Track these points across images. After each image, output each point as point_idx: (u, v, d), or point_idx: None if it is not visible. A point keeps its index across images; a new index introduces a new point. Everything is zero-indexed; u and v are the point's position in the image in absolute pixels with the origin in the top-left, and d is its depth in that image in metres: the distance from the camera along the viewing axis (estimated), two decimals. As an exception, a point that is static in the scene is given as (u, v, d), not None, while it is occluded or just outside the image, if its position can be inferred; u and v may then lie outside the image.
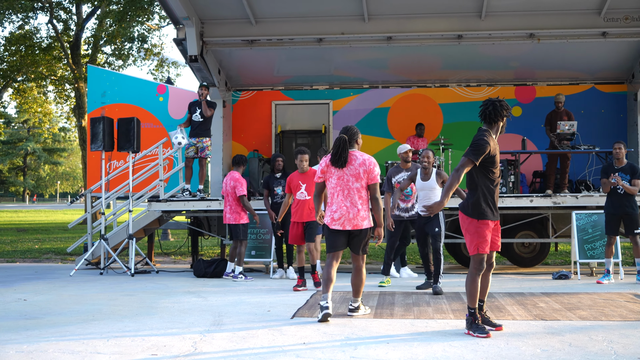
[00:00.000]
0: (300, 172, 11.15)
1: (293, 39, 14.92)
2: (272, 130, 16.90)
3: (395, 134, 16.60)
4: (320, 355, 6.23)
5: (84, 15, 32.61)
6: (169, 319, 8.16)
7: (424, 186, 10.68)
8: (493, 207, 7.17)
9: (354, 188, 8.05)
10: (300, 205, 11.01)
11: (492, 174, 7.16)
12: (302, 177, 11.12)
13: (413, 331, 7.37)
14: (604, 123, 16.09)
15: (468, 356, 6.16)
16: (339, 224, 8.12)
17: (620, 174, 11.56)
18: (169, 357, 6.17)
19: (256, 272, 13.76)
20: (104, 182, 13.92)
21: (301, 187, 11.04)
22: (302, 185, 11.04)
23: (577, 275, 12.35)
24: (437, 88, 16.80)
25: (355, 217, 8.06)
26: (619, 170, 11.64)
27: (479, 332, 7.01)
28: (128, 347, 6.60)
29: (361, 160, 8.10)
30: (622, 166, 11.68)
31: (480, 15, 14.31)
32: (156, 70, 34.48)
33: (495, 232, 7.31)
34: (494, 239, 7.31)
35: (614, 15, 14.22)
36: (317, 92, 17.02)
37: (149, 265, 14.10)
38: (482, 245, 7.12)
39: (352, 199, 8.05)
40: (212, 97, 15.71)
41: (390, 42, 14.78)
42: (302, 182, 11.06)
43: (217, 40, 15.02)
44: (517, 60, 15.69)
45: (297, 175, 11.16)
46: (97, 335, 7.17)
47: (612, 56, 15.24)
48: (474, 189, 7.19)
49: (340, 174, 8.10)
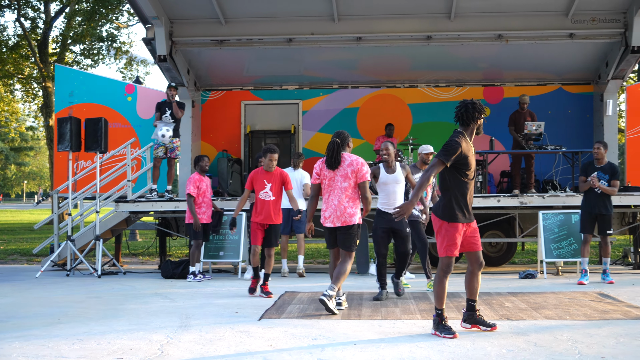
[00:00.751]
0: (267, 170, 10.33)
1: (263, 39, 14.89)
2: (242, 130, 16.87)
3: (364, 134, 16.63)
4: (287, 357, 6.21)
5: (52, 13, 32.29)
6: (135, 321, 8.10)
7: (389, 179, 9.94)
8: (465, 209, 7.18)
9: (342, 187, 8.68)
10: (264, 206, 10.22)
11: (465, 176, 7.17)
12: (268, 176, 10.30)
13: (380, 332, 7.37)
14: (571, 123, 16.25)
15: (434, 357, 6.18)
16: (330, 222, 8.74)
17: (600, 174, 11.57)
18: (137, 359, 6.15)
19: (225, 272, 13.70)
20: (70, 182, 13.80)
21: (266, 187, 10.25)
22: (267, 184, 10.26)
23: (544, 274, 12.45)
24: (406, 88, 16.87)
25: (342, 214, 8.65)
26: (599, 169, 11.64)
27: (445, 332, 7.04)
28: (94, 350, 6.54)
29: (349, 161, 8.71)
30: (602, 165, 11.67)
31: (449, 16, 14.39)
32: (125, 68, 34.25)
33: (473, 233, 7.31)
34: (474, 240, 7.30)
35: (581, 17, 14.37)
36: (287, 92, 17.01)
37: (116, 267, 14.00)
38: (450, 248, 7.14)
39: (340, 197, 8.68)
40: (181, 97, 15.62)
41: (359, 43, 14.81)
42: (268, 182, 10.27)
43: (187, 40, 14.96)
44: (486, 61, 15.80)
45: (263, 173, 10.34)
46: (62, 338, 7.09)
47: (579, 57, 15.40)
48: (446, 190, 7.21)
49: (332, 175, 8.75)
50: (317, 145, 16.63)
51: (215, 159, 16.40)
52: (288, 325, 7.79)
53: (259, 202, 10.27)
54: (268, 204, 10.25)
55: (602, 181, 11.53)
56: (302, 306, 9.07)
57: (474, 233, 7.33)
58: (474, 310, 7.44)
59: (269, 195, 10.26)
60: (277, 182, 10.33)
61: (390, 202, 9.82)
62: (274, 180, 10.33)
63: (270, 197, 10.27)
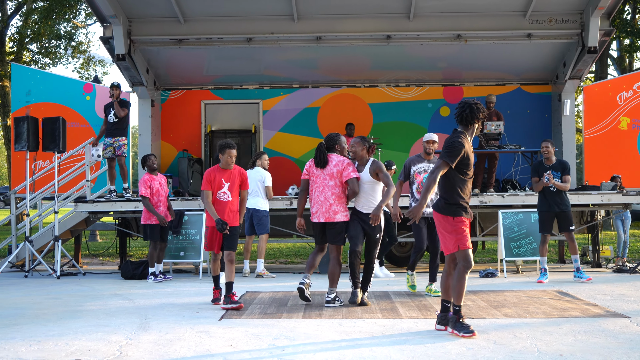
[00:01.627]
0: (224, 168, 9.29)
1: (222, 39, 14.86)
2: (202, 130, 16.78)
3: (325, 133, 16.45)
4: (247, 358, 6.19)
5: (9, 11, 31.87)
6: (94, 322, 8.01)
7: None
8: (467, 205, 7.29)
9: (329, 186, 9.09)
10: (220, 206, 9.21)
11: (466, 175, 7.24)
12: (225, 174, 9.27)
13: (341, 331, 7.37)
14: (530, 123, 16.42)
15: (395, 356, 6.19)
16: (316, 217, 9.17)
17: (552, 172, 11.59)
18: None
19: (186, 273, 13.62)
20: (28, 182, 13.61)
21: (223, 186, 9.21)
22: (225, 184, 9.23)
23: (504, 273, 12.56)
24: (367, 88, 16.91)
25: (327, 211, 9.07)
26: (550, 168, 11.64)
27: (464, 331, 7.01)
28: (51, 352, 6.45)
29: (336, 161, 9.11)
30: (552, 164, 11.69)
31: (408, 16, 14.49)
32: (82, 68, 33.93)
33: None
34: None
35: (538, 17, 14.56)
36: (247, 92, 16.95)
37: (75, 267, 13.86)
38: (462, 241, 7.17)
39: (326, 195, 9.10)
40: (140, 97, 15.57)
41: (319, 42, 14.85)
42: (226, 181, 9.24)
43: (145, 39, 14.87)
44: (445, 60, 15.91)
45: (219, 171, 9.29)
46: (19, 340, 6.98)
47: (537, 57, 15.58)
48: (448, 189, 7.25)
49: (319, 173, 9.14)
50: (278, 144, 16.63)
51: (175, 158, 16.32)
52: (249, 325, 7.76)
53: (215, 203, 9.21)
54: (225, 205, 9.21)
55: (555, 179, 11.57)
56: (263, 306, 9.05)
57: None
58: (449, 312, 7.44)
59: (227, 196, 9.23)
60: (236, 181, 9.32)
61: (362, 201, 9.13)
62: (232, 179, 9.29)
63: (229, 197, 9.23)
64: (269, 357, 6.20)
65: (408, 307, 8.88)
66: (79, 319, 8.21)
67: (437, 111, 16.74)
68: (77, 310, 8.92)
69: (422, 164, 10.18)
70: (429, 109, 16.76)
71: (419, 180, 10.07)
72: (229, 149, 9.30)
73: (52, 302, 9.67)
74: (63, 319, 8.23)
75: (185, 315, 8.43)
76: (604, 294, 9.94)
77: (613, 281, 11.56)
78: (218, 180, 9.25)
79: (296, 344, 6.70)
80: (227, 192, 9.23)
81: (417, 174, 10.11)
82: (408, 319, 8.09)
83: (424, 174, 10.05)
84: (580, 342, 6.70)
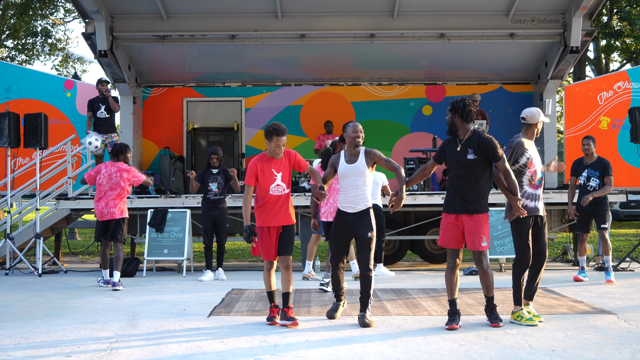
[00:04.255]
0: (272, 157, 7.60)
1: (205, 35, 14.81)
2: (184, 128, 16.69)
3: (307, 131, 16.62)
4: (240, 353, 6.16)
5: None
6: (81, 319, 7.93)
7: (350, 171, 7.80)
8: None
9: (336, 189, 9.22)
10: (271, 204, 7.59)
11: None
12: (274, 163, 7.58)
13: (331, 328, 7.36)
14: (511, 122, 16.35)
15: (388, 352, 6.18)
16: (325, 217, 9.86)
17: (590, 171, 11.40)
18: (86, 356, 6.00)
19: (169, 270, 13.53)
20: (9, 179, 13.47)
21: (276, 178, 7.52)
22: (277, 174, 7.53)
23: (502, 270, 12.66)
24: (349, 86, 16.91)
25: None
26: (589, 166, 11.43)
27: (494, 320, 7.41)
28: (40, 348, 6.38)
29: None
30: (592, 162, 11.45)
31: (392, 15, 14.51)
32: (61, 66, 33.64)
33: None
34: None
35: (521, 17, 14.64)
36: (230, 90, 16.89)
37: (57, 265, 13.73)
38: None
39: (334, 197, 9.44)
40: (122, 94, 15.48)
41: (303, 40, 14.83)
42: (277, 170, 7.53)
43: (128, 35, 14.78)
44: (428, 59, 15.95)
45: (267, 160, 7.60)
46: (6, 337, 6.89)
47: (519, 57, 15.68)
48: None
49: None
50: (261, 143, 16.52)
51: (157, 156, 16.21)
52: (238, 321, 7.73)
53: (266, 201, 7.56)
54: (279, 200, 7.57)
55: (593, 178, 11.47)
56: (251, 303, 9.01)
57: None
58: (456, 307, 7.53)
59: (282, 189, 7.56)
60: (288, 167, 7.65)
61: (350, 199, 7.78)
62: (283, 167, 7.61)
63: (284, 190, 7.57)
64: (261, 354, 6.16)
65: (396, 305, 8.87)
66: (66, 316, 8.13)
67: (419, 110, 16.77)
68: (63, 307, 8.83)
69: (532, 148, 7.86)
70: (411, 107, 16.78)
71: (532, 170, 7.79)
72: (277, 136, 7.52)
73: (36, 299, 9.57)
74: (49, 316, 8.15)
75: (173, 312, 8.37)
76: (588, 292, 10.00)
77: (596, 279, 11.61)
78: (268, 172, 7.53)
79: (288, 342, 6.65)
80: (282, 183, 7.54)
81: (531, 162, 7.77)
82: (397, 315, 8.09)
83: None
84: (570, 338, 6.73)
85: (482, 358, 5.95)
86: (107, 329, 7.32)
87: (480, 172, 7.33)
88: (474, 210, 7.32)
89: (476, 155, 7.26)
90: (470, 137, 7.34)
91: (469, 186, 7.32)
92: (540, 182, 7.79)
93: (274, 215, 7.53)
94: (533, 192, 7.70)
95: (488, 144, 7.26)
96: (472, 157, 7.25)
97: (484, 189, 7.38)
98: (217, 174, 12.08)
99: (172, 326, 7.46)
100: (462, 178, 7.36)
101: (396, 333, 7.03)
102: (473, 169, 7.30)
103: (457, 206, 7.37)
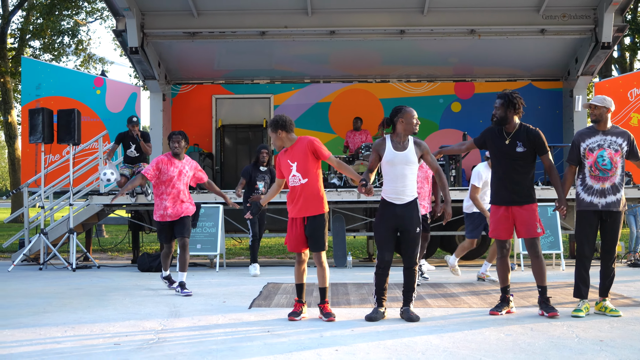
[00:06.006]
0: (285, 147, 7.49)
1: (236, 32, 14.81)
2: (213, 124, 16.74)
3: (336, 128, 16.62)
4: (286, 341, 6.17)
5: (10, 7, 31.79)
6: (123, 310, 7.97)
7: (397, 159, 7.29)
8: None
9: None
10: (293, 194, 7.46)
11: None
12: (288, 153, 7.45)
13: (372, 318, 7.35)
14: (541, 119, 16.38)
15: (435, 341, 6.17)
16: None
17: None
18: (134, 344, 6.03)
19: (200, 266, 13.54)
20: (43, 174, 13.56)
21: (291, 168, 7.34)
22: (292, 164, 7.33)
23: (521, 266, 12.65)
24: (378, 83, 16.89)
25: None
26: None
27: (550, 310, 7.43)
28: (88, 336, 6.42)
29: None
30: None
31: (422, 11, 14.46)
32: (82, 65, 33.84)
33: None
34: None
35: (552, 12, 14.55)
36: (258, 87, 16.92)
37: (89, 261, 13.79)
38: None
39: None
40: (151, 90, 15.53)
41: (333, 37, 14.81)
42: (292, 160, 7.34)
43: (158, 32, 14.81)
44: (457, 56, 15.89)
45: (284, 152, 7.49)
46: (52, 326, 6.95)
47: (549, 53, 15.58)
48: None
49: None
50: (289, 140, 16.56)
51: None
52: (280, 312, 7.74)
53: (291, 191, 7.45)
54: (298, 190, 7.36)
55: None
56: (289, 296, 9.03)
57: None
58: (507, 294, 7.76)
59: (298, 179, 7.33)
60: (305, 156, 7.36)
61: (398, 190, 7.32)
62: (299, 157, 7.37)
63: (300, 180, 7.32)
64: (309, 342, 6.16)
65: (435, 298, 8.86)
66: (107, 307, 8.18)
67: (448, 107, 16.75)
68: (103, 299, 8.88)
69: (594, 138, 7.62)
70: (440, 104, 16.76)
71: (591, 161, 7.53)
72: (270, 131, 7.50)
73: (75, 292, 9.62)
74: (91, 307, 8.19)
75: (213, 304, 8.40)
76: (627, 286, 9.96)
77: (631, 274, 11.56)
78: (284, 164, 7.43)
79: (333, 334, 6.61)
80: (297, 174, 7.29)
81: (589, 152, 7.55)
82: (438, 307, 8.07)
83: (598, 151, 7.53)
84: (617, 329, 6.70)
85: (531, 348, 5.92)
86: (150, 319, 7.35)
87: (529, 165, 7.48)
88: (525, 201, 7.47)
89: (525, 148, 7.38)
90: (519, 130, 7.43)
91: (518, 178, 7.45)
92: (604, 174, 7.44)
93: (295, 205, 7.37)
94: (592, 185, 7.47)
95: (537, 136, 7.43)
96: (522, 149, 7.36)
97: (531, 180, 7.53)
98: (266, 172, 11.88)
99: (215, 317, 7.48)
100: (511, 170, 7.45)
101: (440, 324, 7.01)
102: (522, 161, 7.42)
103: (507, 198, 7.49)
